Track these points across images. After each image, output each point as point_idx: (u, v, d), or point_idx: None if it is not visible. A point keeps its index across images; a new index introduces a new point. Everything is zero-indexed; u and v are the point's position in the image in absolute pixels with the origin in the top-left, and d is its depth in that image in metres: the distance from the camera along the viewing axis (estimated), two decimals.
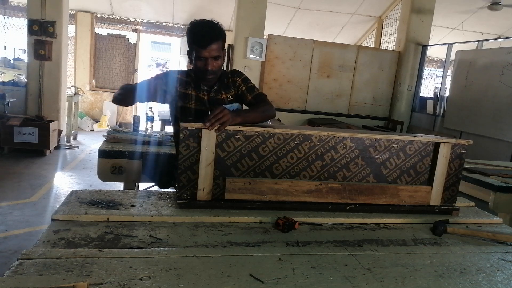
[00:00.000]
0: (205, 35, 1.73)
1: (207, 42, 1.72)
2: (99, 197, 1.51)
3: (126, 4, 8.58)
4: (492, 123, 5.43)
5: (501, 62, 5.35)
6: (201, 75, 1.82)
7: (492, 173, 2.66)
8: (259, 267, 1.09)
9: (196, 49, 1.74)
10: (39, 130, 5.74)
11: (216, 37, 1.74)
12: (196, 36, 1.74)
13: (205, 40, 1.72)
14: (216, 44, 1.74)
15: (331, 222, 1.50)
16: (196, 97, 1.90)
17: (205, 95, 1.90)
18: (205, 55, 1.74)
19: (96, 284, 0.93)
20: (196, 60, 1.78)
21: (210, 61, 1.75)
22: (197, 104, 1.90)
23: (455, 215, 1.69)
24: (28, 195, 4.16)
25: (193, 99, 1.89)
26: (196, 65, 1.79)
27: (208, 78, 1.82)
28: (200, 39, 1.73)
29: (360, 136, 1.61)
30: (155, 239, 1.22)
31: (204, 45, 1.72)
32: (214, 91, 1.90)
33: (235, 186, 1.50)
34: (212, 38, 1.73)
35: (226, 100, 1.92)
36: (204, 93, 1.90)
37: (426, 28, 7.08)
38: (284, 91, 6.81)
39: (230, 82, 1.97)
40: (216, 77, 1.86)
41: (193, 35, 1.75)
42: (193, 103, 1.90)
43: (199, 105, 1.90)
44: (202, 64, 1.76)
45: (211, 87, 1.90)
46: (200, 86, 1.89)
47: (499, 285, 1.12)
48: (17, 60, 7.92)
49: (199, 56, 1.75)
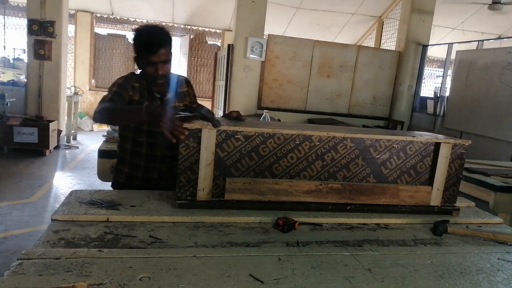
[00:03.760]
0: (154, 40, 1.74)
1: (157, 47, 1.72)
2: (98, 197, 1.50)
3: (126, 4, 8.57)
4: (492, 123, 5.43)
5: (502, 62, 5.34)
6: (152, 80, 1.80)
7: (492, 173, 2.66)
8: (259, 267, 1.09)
9: (145, 55, 1.74)
10: (39, 130, 5.74)
11: (165, 41, 1.75)
12: (144, 42, 1.75)
13: (155, 45, 1.73)
14: (165, 49, 1.75)
15: (331, 222, 1.50)
16: None
17: (157, 103, 1.86)
18: (155, 60, 1.74)
19: (95, 284, 0.93)
20: (146, 66, 1.77)
21: (160, 65, 1.75)
22: None
23: (455, 215, 1.68)
24: (28, 195, 4.16)
25: None
26: (146, 70, 1.78)
27: (159, 83, 1.81)
28: (150, 44, 1.73)
29: (360, 137, 1.60)
30: (155, 239, 1.22)
31: (154, 50, 1.72)
32: (167, 99, 1.88)
33: (235, 186, 1.50)
34: (161, 43, 1.73)
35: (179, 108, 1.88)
36: (156, 101, 1.86)
37: (426, 28, 7.08)
38: (284, 91, 6.81)
39: (186, 92, 1.99)
40: (167, 81, 1.85)
41: (141, 41, 1.76)
42: None
43: None
44: (153, 70, 1.76)
45: (163, 95, 1.88)
46: (153, 93, 1.86)
47: (500, 285, 1.12)
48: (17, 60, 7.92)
49: (149, 62, 1.75)
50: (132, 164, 1.89)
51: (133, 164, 1.89)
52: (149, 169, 1.88)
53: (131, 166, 1.89)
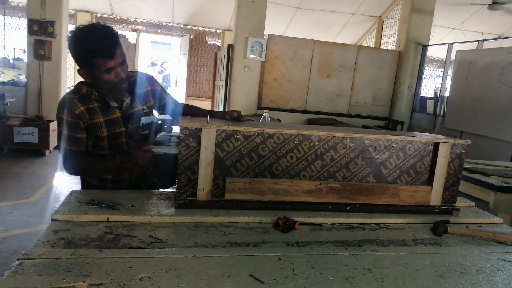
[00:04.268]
0: (107, 43, 1.47)
1: (113, 50, 1.48)
2: (98, 197, 1.50)
3: (126, 4, 8.58)
4: (492, 123, 5.43)
5: (501, 62, 5.34)
6: (112, 88, 1.56)
7: (492, 173, 2.66)
8: (259, 267, 1.09)
9: (100, 62, 1.47)
10: (39, 130, 5.74)
11: (117, 40, 1.51)
12: (97, 48, 1.46)
13: (110, 48, 1.47)
14: (120, 48, 1.51)
15: (331, 222, 1.50)
16: (106, 122, 1.63)
17: (116, 112, 1.65)
18: (113, 64, 1.49)
19: (95, 284, 0.93)
20: (102, 74, 1.50)
21: (119, 69, 1.52)
22: (109, 128, 1.64)
23: (455, 215, 1.68)
24: (28, 195, 4.16)
25: (103, 125, 1.62)
26: (103, 79, 1.51)
27: (121, 88, 1.58)
28: (104, 49, 1.46)
29: (359, 136, 1.60)
30: (155, 239, 1.22)
31: (111, 54, 1.47)
32: (127, 106, 1.67)
33: (235, 186, 1.50)
34: (115, 43, 1.49)
35: (142, 112, 1.72)
36: (115, 111, 1.64)
37: (426, 28, 7.09)
38: (284, 91, 6.81)
39: (149, 91, 1.77)
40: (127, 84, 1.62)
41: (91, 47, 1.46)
42: (104, 130, 1.63)
43: (112, 128, 1.64)
44: (113, 76, 1.51)
45: (122, 102, 1.65)
46: (108, 105, 1.62)
47: (500, 285, 1.12)
48: (17, 60, 7.93)
49: (106, 69, 1.49)
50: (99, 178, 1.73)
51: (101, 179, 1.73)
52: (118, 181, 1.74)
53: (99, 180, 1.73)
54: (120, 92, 1.62)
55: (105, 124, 1.63)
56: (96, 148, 1.66)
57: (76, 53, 1.51)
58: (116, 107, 1.65)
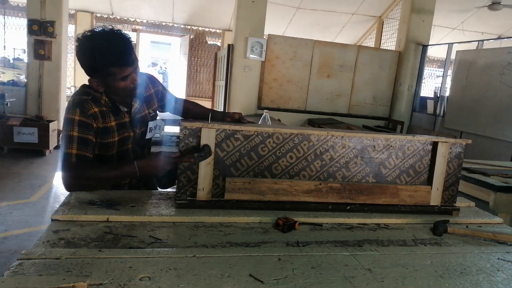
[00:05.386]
0: (123, 50, 1.41)
1: (130, 57, 1.43)
2: (98, 197, 1.50)
3: (126, 4, 8.58)
4: (492, 123, 5.43)
5: (502, 62, 5.35)
6: (127, 94, 1.54)
7: (492, 173, 2.66)
8: (259, 268, 1.09)
9: (117, 71, 1.42)
10: (39, 130, 5.74)
11: (131, 45, 1.46)
12: (114, 56, 1.39)
13: (128, 55, 1.42)
14: (134, 53, 1.47)
15: (331, 222, 1.50)
16: (118, 126, 1.60)
17: (125, 117, 1.62)
18: (130, 71, 1.46)
19: (95, 284, 0.93)
20: (118, 83, 1.46)
21: (134, 74, 1.49)
22: (120, 133, 1.61)
23: (455, 215, 1.68)
24: (28, 195, 4.16)
25: (115, 129, 1.59)
26: (119, 87, 1.47)
27: (134, 93, 1.56)
28: (122, 57, 1.41)
29: (358, 136, 1.60)
30: (155, 239, 1.22)
31: (129, 61, 1.43)
32: (135, 110, 1.64)
33: (235, 186, 1.50)
34: (131, 49, 1.44)
35: (149, 116, 1.71)
36: (125, 116, 1.62)
37: (426, 28, 7.09)
38: (284, 91, 6.81)
39: (152, 94, 1.75)
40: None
41: (108, 56, 1.39)
42: (116, 135, 1.60)
43: (122, 133, 1.62)
44: (129, 83, 1.48)
45: (130, 106, 1.62)
46: (118, 109, 1.59)
47: (500, 285, 1.12)
48: (17, 60, 7.93)
49: (123, 77, 1.44)
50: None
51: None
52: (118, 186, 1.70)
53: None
54: (132, 97, 1.59)
55: (116, 128, 1.59)
56: (101, 157, 1.60)
57: (89, 63, 1.44)
58: (125, 112, 1.63)
